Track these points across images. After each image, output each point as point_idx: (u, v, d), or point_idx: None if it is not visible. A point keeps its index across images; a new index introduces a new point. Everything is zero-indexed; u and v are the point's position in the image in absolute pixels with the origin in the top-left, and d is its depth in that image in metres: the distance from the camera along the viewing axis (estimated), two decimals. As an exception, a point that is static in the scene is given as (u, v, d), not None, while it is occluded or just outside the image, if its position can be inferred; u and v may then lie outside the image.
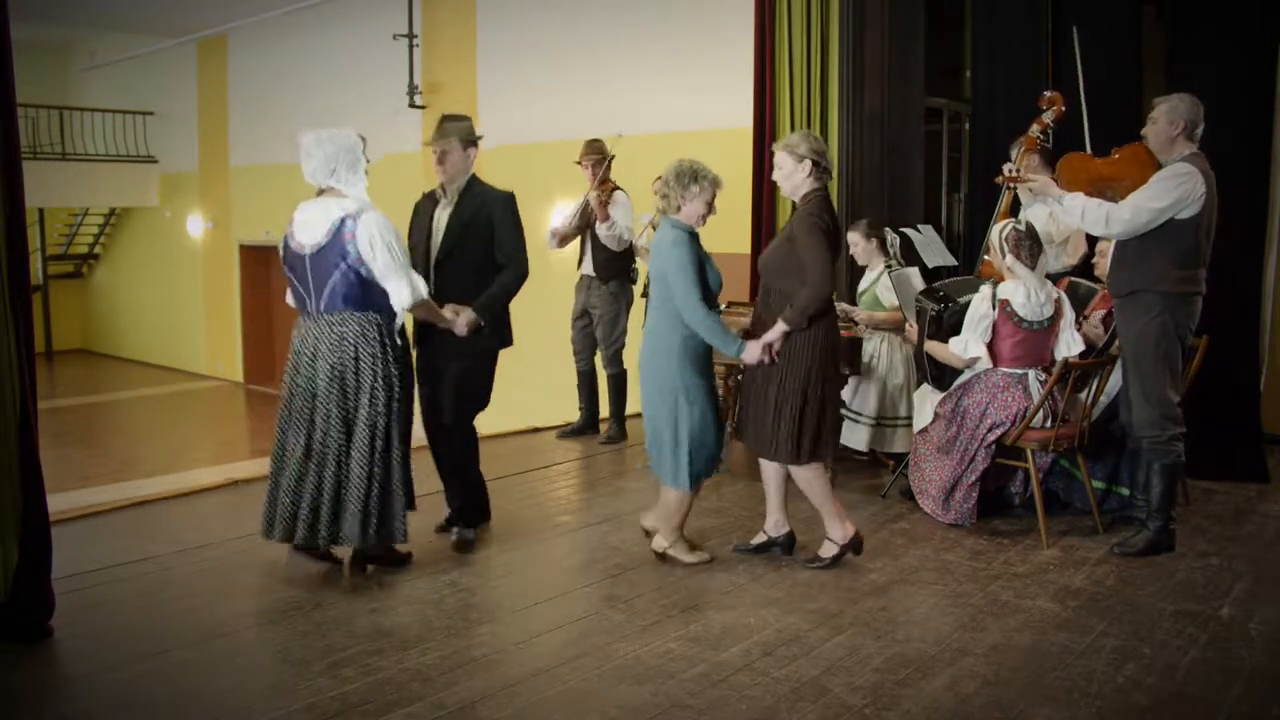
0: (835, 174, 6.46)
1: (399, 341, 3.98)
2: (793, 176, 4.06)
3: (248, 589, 3.95)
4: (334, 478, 3.84)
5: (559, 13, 10.20)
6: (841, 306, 5.80)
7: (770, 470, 4.24)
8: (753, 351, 4.02)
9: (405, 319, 4.01)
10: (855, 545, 4.20)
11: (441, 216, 4.34)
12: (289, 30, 13.29)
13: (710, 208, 4.06)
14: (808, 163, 4.02)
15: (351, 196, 3.84)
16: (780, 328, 4.00)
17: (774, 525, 4.34)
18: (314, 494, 3.84)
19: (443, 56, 11.47)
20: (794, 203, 4.24)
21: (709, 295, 4.00)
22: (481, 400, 4.46)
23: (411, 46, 11.58)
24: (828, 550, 4.21)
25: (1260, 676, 3.24)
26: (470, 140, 4.35)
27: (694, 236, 4.05)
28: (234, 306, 15.26)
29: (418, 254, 4.32)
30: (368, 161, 3.91)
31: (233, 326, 15.33)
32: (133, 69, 16.18)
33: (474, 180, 4.39)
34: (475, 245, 4.29)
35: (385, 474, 3.90)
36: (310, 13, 12.59)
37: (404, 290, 3.83)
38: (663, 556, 4.27)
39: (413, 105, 11.51)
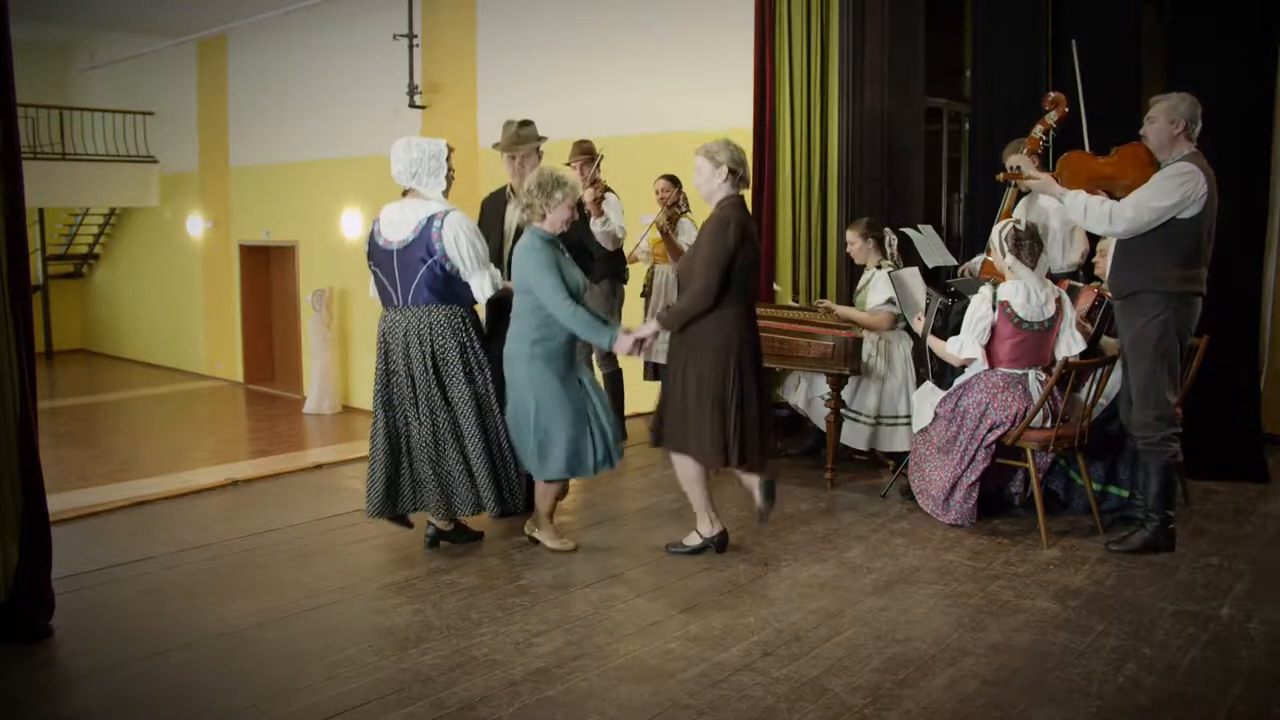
0: (835, 174, 6.48)
1: (479, 331, 4.30)
2: (710, 181, 4.15)
3: (248, 589, 3.95)
4: (458, 453, 4.15)
5: (559, 13, 10.20)
6: (823, 303, 5.82)
7: (687, 471, 4.28)
8: (624, 343, 4.17)
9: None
10: (719, 542, 4.35)
11: (513, 216, 4.61)
12: (289, 30, 13.29)
13: (573, 214, 4.23)
14: (724, 169, 4.11)
15: (434, 199, 4.16)
16: (652, 325, 4.21)
17: (708, 525, 4.37)
18: (441, 470, 4.16)
19: (443, 56, 11.47)
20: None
21: (572, 294, 4.15)
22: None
23: (411, 46, 11.58)
24: (692, 539, 4.37)
25: (1260, 676, 3.24)
26: (539, 148, 4.75)
27: (549, 242, 4.19)
28: (234, 306, 15.27)
29: (491, 250, 4.50)
30: (451, 169, 4.21)
31: (233, 326, 15.34)
32: (133, 69, 16.17)
33: None
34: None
35: (500, 445, 4.23)
36: (310, 13, 12.58)
37: (485, 283, 4.18)
38: (534, 540, 4.48)
39: (413, 105, 11.51)
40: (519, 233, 4.43)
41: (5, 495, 3.34)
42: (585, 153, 6.25)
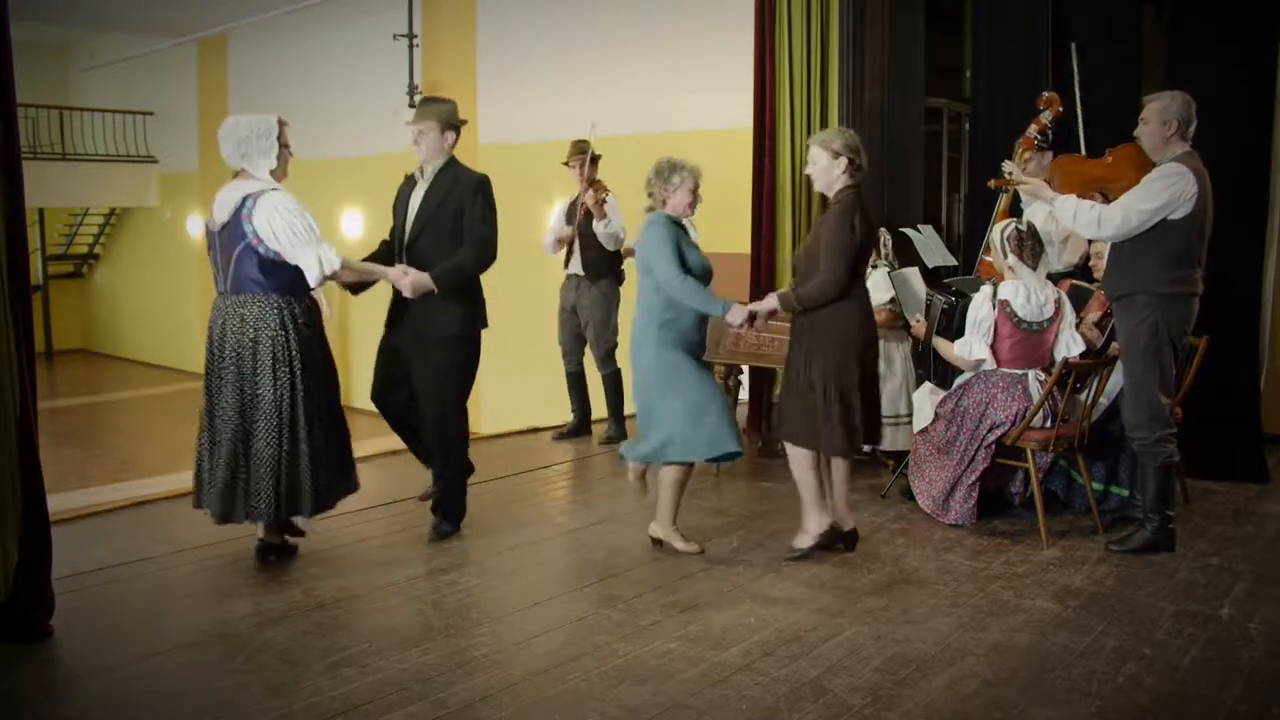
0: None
1: (305, 323, 4.01)
2: (828, 172, 4.11)
3: (248, 589, 3.95)
4: (242, 457, 3.90)
5: (559, 13, 10.20)
6: None
7: (801, 462, 4.21)
8: (737, 314, 4.12)
9: (325, 299, 4.14)
10: (842, 539, 4.29)
11: (416, 197, 4.41)
12: (289, 30, 13.29)
13: (695, 195, 4.16)
14: (843, 159, 4.06)
15: (259, 178, 3.93)
16: (770, 301, 4.15)
17: (823, 523, 4.26)
18: (229, 469, 3.91)
19: (443, 56, 11.47)
20: (825, 198, 4.31)
21: (688, 272, 4.08)
22: (462, 387, 4.47)
23: (411, 46, 11.58)
24: (802, 541, 4.27)
25: (1260, 676, 3.24)
26: (450, 124, 4.39)
27: (670, 223, 4.14)
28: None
29: (395, 235, 4.45)
30: (284, 147, 3.98)
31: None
32: (133, 69, 16.17)
33: (451, 162, 4.42)
34: (446, 227, 4.33)
35: (294, 454, 3.94)
36: (310, 13, 12.58)
37: (312, 263, 3.88)
38: (658, 542, 4.36)
39: (413, 105, 11.49)
40: (420, 215, 4.33)
41: (5, 495, 3.34)
42: (582, 152, 6.26)
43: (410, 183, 4.50)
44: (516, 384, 10.50)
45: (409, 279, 4.22)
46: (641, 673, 3.23)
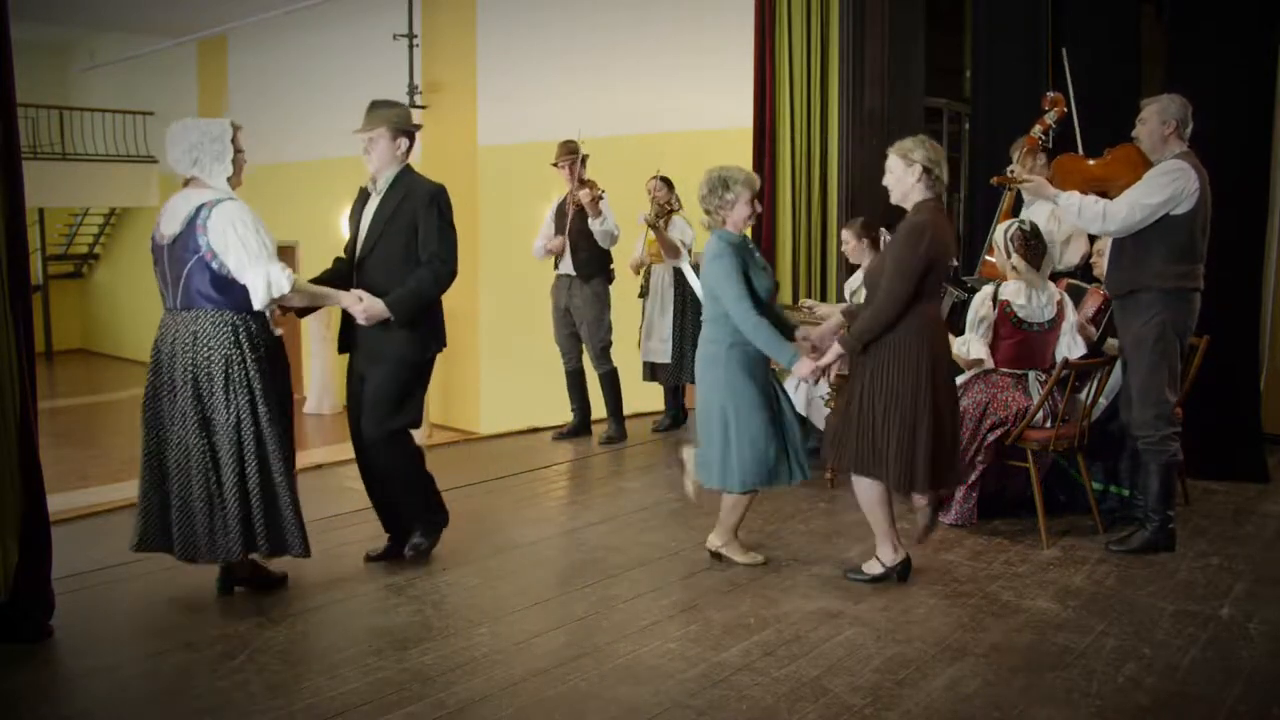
0: (835, 174, 6.48)
1: (260, 342, 3.69)
2: (903, 182, 3.86)
3: (248, 589, 3.94)
4: (204, 488, 3.61)
5: (559, 13, 10.20)
6: (807, 303, 5.83)
7: (869, 494, 3.98)
8: (804, 367, 3.93)
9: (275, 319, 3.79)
10: (902, 571, 4.03)
11: (369, 211, 4.10)
12: (289, 30, 13.29)
13: (753, 206, 4.06)
14: (918, 168, 3.81)
15: (214, 187, 3.63)
16: (835, 351, 3.91)
17: (898, 556, 4.03)
18: (185, 505, 3.63)
19: (443, 56, 11.47)
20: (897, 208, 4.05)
21: (759, 302, 3.96)
22: (403, 412, 4.09)
23: (411, 46, 11.58)
24: (873, 567, 4.07)
25: (1260, 676, 3.24)
26: (402, 129, 4.08)
27: (735, 247, 4.01)
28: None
29: (348, 251, 4.17)
30: (239, 151, 3.67)
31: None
32: (133, 69, 16.18)
33: (404, 172, 4.13)
34: (398, 242, 4.02)
35: (265, 479, 3.64)
36: (310, 13, 12.58)
37: (259, 284, 3.57)
38: (717, 555, 4.27)
39: (413, 105, 11.49)
40: (372, 230, 4.05)
41: (5, 495, 3.34)
42: (571, 153, 6.27)
43: (364, 196, 4.17)
44: (516, 384, 10.50)
45: (363, 306, 3.90)
46: (641, 673, 3.23)
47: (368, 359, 4.09)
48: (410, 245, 4.02)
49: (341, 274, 4.13)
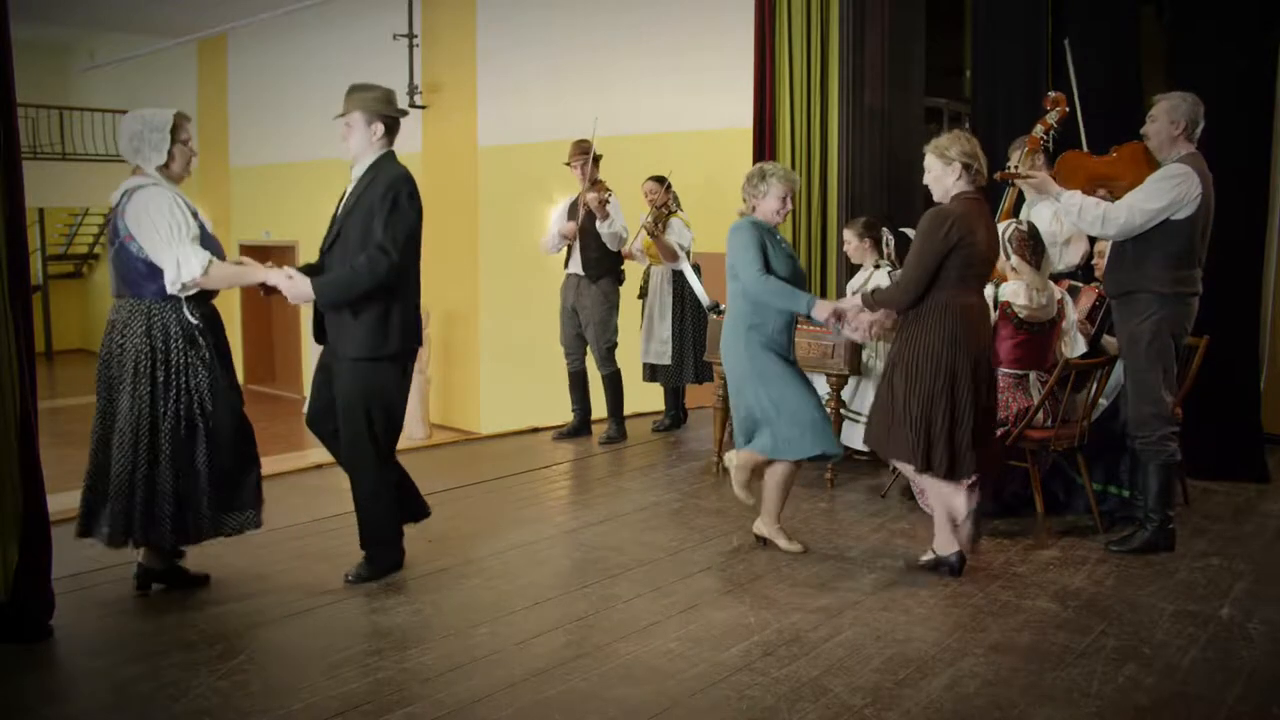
0: (835, 174, 6.47)
1: (178, 331, 3.67)
2: (942, 180, 3.95)
3: (247, 590, 3.95)
4: (102, 471, 3.67)
5: (558, 13, 10.21)
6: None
7: (935, 490, 4.04)
8: (822, 309, 4.08)
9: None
10: (955, 564, 4.05)
11: (347, 198, 4.00)
12: (289, 30, 13.29)
13: (785, 203, 4.19)
14: (957, 165, 3.90)
15: (147, 174, 3.65)
16: (856, 300, 4.12)
17: (942, 544, 4.09)
18: (87, 482, 3.72)
19: (443, 56, 11.47)
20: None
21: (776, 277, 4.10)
22: (372, 418, 3.89)
23: (411, 46, 11.58)
24: (927, 556, 4.16)
25: (1260, 676, 3.24)
26: (377, 113, 3.94)
27: (757, 225, 4.17)
28: (234, 306, 15.25)
29: (328, 238, 4.03)
30: (183, 144, 3.68)
31: (232, 326, 15.26)
32: (133, 69, 16.18)
33: (383, 159, 4.00)
34: (357, 230, 3.86)
35: (150, 474, 3.62)
36: (310, 13, 12.59)
37: (169, 267, 3.56)
38: (763, 540, 4.40)
39: (413, 105, 11.50)
40: (335, 220, 3.97)
41: (5, 495, 3.34)
42: (584, 153, 6.26)
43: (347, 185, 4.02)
44: (516, 384, 10.50)
45: (290, 283, 3.78)
46: (641, 673, 3.23)
47: (330, 352, 3.98)
48: (369, 233, 3.84)
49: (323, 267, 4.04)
